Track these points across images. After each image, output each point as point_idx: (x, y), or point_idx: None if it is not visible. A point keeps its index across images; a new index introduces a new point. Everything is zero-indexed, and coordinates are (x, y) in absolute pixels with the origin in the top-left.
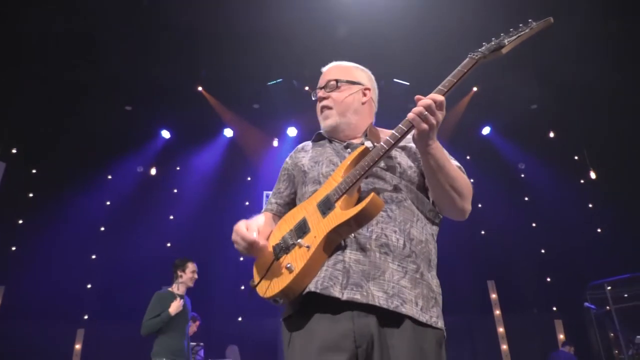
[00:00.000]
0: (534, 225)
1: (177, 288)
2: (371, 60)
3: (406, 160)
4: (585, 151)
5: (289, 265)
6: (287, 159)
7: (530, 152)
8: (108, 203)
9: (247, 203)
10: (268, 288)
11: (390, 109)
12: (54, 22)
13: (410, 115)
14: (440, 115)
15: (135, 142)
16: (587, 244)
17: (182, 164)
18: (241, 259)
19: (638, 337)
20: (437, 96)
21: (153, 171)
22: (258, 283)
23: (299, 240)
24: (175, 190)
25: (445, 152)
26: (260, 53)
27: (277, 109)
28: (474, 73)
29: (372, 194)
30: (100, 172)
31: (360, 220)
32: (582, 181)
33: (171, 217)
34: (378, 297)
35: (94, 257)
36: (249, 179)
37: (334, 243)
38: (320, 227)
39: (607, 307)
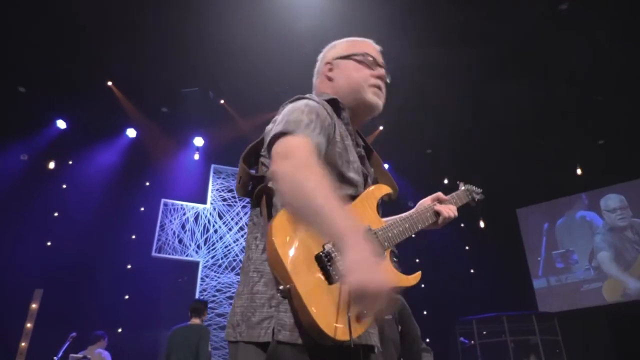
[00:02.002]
0: (417, 260)
1: None
2: (288, 84)
3: None
4: (479, 201)
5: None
6: (323, 111)
7: (420, 193)
8: None
9: (142, 209)
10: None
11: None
12: None
13: (447, 214)
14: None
15: (25, 128)
16: (460, 283)
17: (75, 158)
18: (129, 266)
19: None
20: (456, 213)
21: (51, 165)
22: (335, 331)
23: None
24: (65, 186)
25: None
26: (179, 57)
27: (186, 116)
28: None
29: (419, 272)
30: None
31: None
32: (462, 225)
33: (55, 214)
34: None
35: None
36: (147, 184)
37: None
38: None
39: (472, 342)
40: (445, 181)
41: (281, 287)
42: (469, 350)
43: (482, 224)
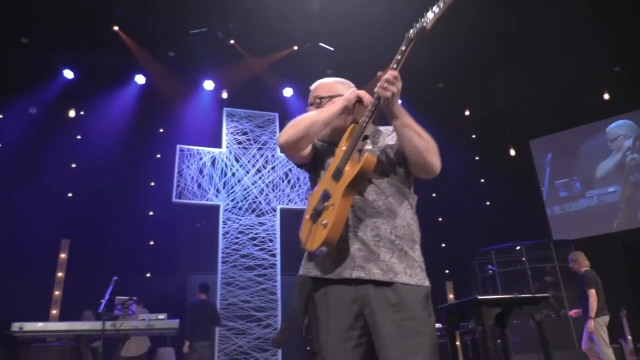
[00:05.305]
0: (434, 195)
1: None
2: (300, 20)
3: (387, 156)
4: (506, 130)
5: (324, 222)
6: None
7: (436, 128)
8: None
9: (158, 155)
10: (313, 242)
11: (313, 70)
12: None
13: (376, 89)
14: (399, 84)
15: (31, 80)
16: (477, 215)
17: (87, 108)
18: (151, 213)
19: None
20: (392, 71)
21: (72, 113)
22: (305, 243)
23: (325, 204)
24: (79, 137)
25: (410, 116)
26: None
27: (196, 59)
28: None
29: (366, 154)
30: None
31: (363, 175)
32: (477, 158)
33: (73, 166)
34: (376, 273)
35: None
36: (161, 130)
37: (351, 197)
38: (337, 189)
39: (490, 272)
40: (467, 112)
41: None
42: (489, 280)
43: (512, 152)
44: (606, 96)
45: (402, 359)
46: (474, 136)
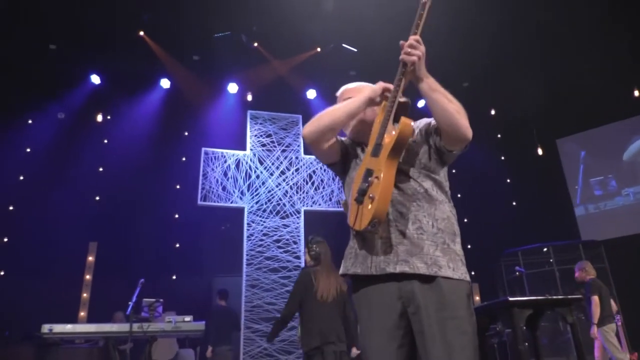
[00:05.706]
0: (459, 195)
1: None
2: (323, 22)
3: (420, 148)
4: (533, 129)
5: (371, 196)
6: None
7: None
8: (28, 150)
9: (183, 159)
10: (362, 220)
11: (337, 71)
12: None
13: (401, 56)
14: (422, 48)
15: (59, 86)
16: (503, 216)
17: (113, 113)
18: (176, 216)
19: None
20: (412, 36)
21: (99, 118)
22: (354, 224)
23: (369, 179)
24: (106, 141)
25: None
26: (209, 2)
27: (219, 63)
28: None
29: (402, 118)
30: (19, 115)
31: (403, 139)
32: (502, 158)
33: (100, 169)
34: (420, 267)
35: (11, 208)
36: (186, 133)
37: (394, 166)
38: (379, 162)
39: (517, 273)
40: (492, 112)
41: None
42: (516, 282)
43: (539, 151)
44: (636, 93)
45: (446, 357)
46: (499, 136)
